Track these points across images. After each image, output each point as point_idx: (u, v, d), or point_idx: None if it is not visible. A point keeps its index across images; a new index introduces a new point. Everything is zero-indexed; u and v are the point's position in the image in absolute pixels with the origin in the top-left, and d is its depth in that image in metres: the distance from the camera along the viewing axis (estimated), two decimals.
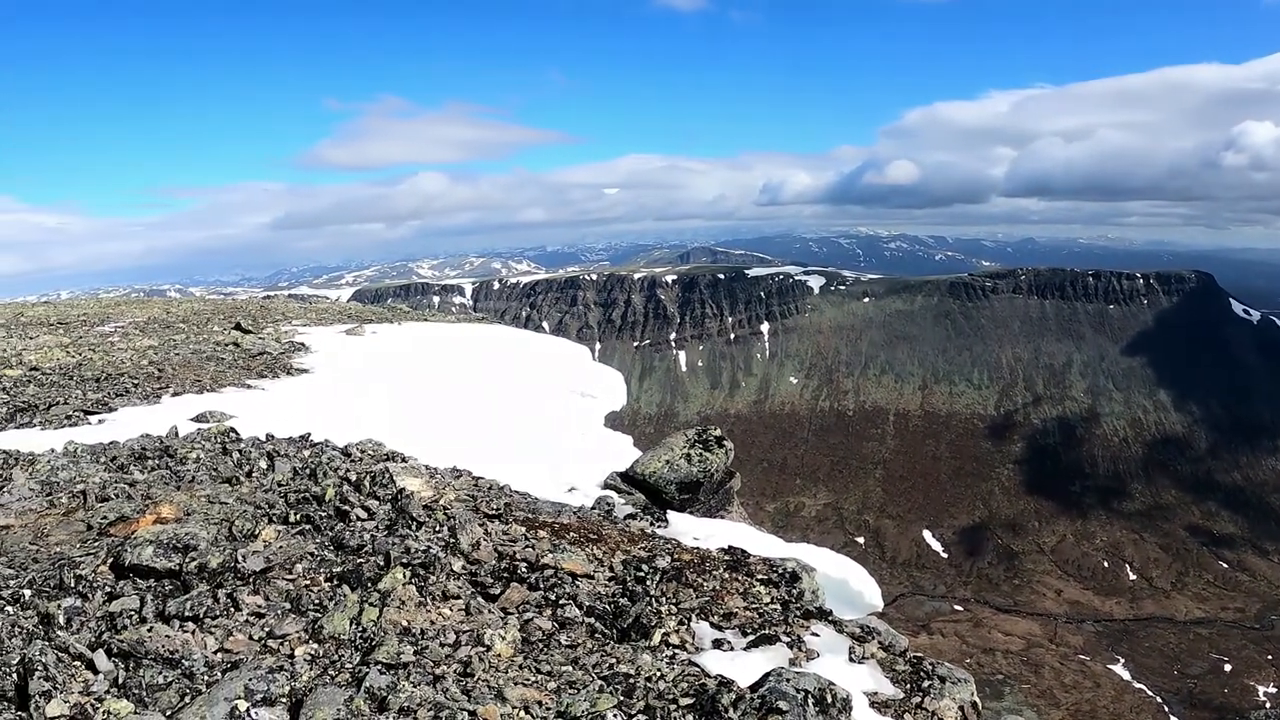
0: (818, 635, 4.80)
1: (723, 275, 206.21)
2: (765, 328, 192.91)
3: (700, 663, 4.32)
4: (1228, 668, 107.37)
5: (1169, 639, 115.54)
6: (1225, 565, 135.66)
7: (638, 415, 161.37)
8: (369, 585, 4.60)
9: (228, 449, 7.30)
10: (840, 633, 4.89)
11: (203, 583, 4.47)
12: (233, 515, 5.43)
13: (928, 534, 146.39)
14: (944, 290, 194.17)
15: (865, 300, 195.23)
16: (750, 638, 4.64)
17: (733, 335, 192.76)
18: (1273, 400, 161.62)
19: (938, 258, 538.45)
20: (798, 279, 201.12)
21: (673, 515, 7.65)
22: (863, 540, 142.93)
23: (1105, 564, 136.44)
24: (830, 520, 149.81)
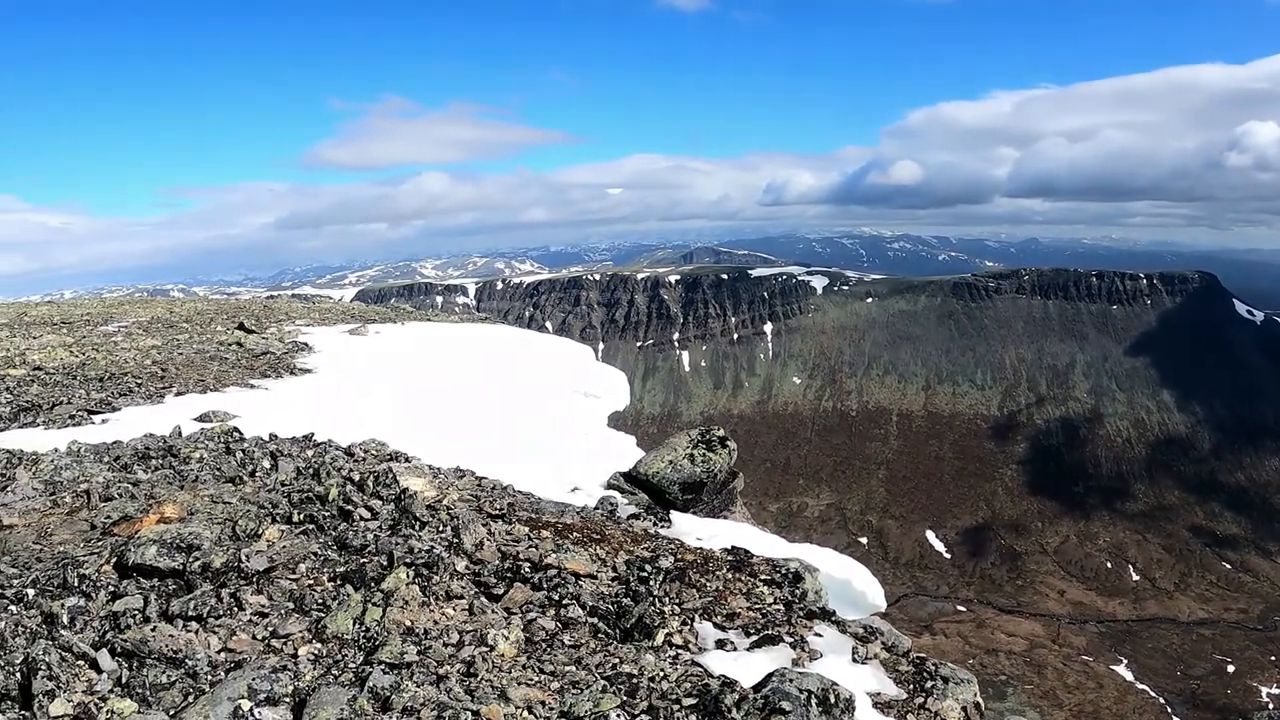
0: (821, 636, 4.80)
1: (726, 275, 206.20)
2: (768, 328, 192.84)
3: (703, 663, 4.32)
4: (1231, 669, 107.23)
5: (1172, 640, 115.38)
6: (1228, 566, 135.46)
7: (641, 415, 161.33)
8: (372, 585, 4.60)
9: (231, 449, 7.31)
10: (843, 633, 4.88)
11: (206, 582, 4.48)
12: (236, 515, 5.43)
13: (931, 534, 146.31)
14: (947, 291, 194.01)
15: (869, 300, 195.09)
16: (753, 638, 4.64)
17: (736, 335, 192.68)
18: (1276, 401, 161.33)
19: (941, 258, 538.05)
20: (801, 279, 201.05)
21: (676, 515, 7.65)
22: (866, 540, 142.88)
23: (1108, 565, 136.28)
24: (833, 520, 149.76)
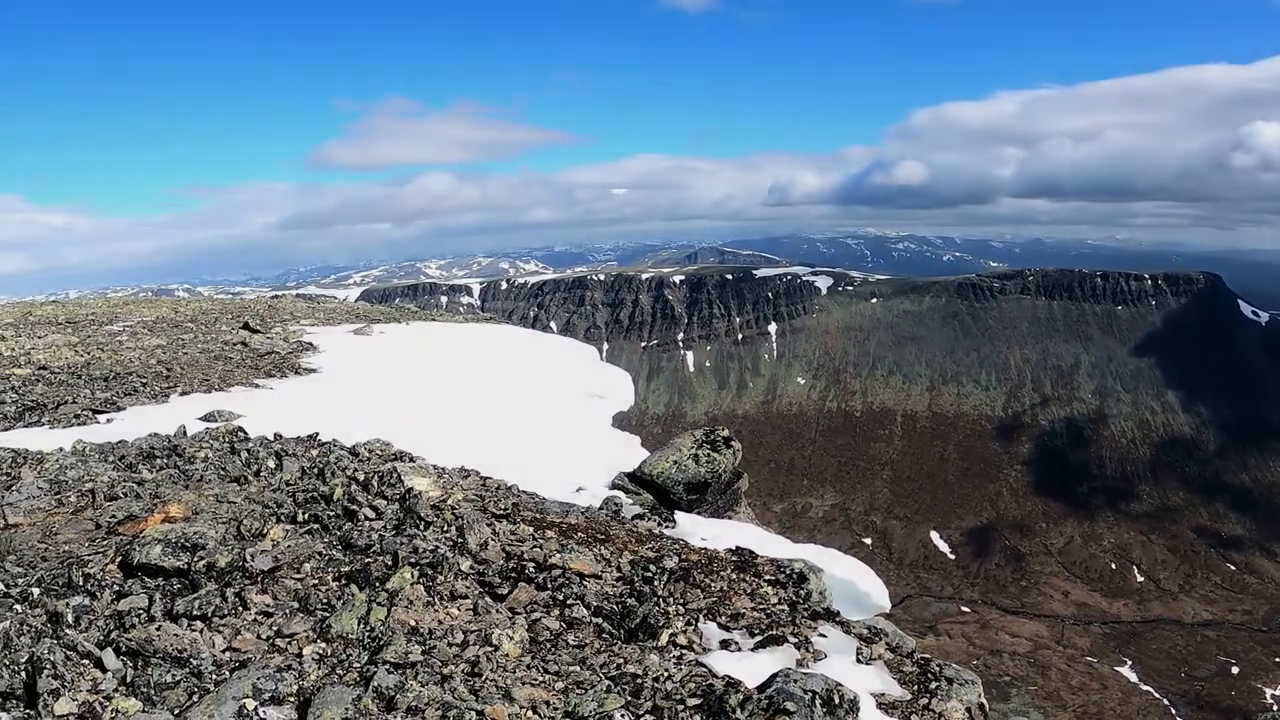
0: (825, 636, 4.79)
1: (730, 276, 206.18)
2: (773, 328, 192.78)
3: (708, 663, 4.32)
4: (1235, 670, 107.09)
5: (1176, 641, 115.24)
6: (1233, 567, 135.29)
7: (645, 415, 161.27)
8: (377, 585, 4.60)
9: (236, 448, 7.31)
10: (848, 634, 4.88)
11: (211, 582, 4.48)
12: (241, 514, 5.43)
13: (935, 535, 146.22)
14: (952, 291, 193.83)
15: (873, 301, 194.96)
16: (758, 638, 4.64)
17: (740, 336, 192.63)
18: None
19: (945, 258, 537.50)
20: (805, 279, 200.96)
21: (680, 516, 7.64)
22: (870, 541, 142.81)
23: (1113, 566, 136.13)
24: (837, 521, 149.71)
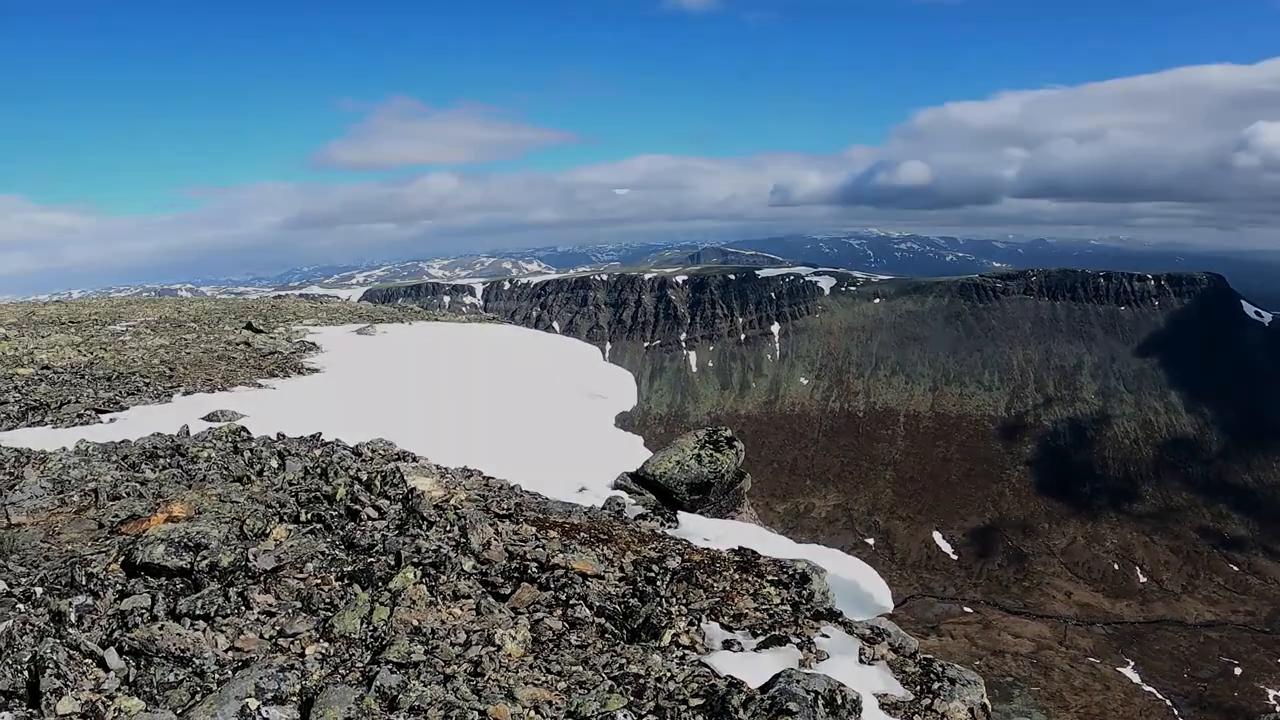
0: (828, 636, 4.79)
1: (733, 276, 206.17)
2: (776, 328, 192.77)
3: (710, 663, 4.31)
4: (1238, 671, 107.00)
5: (1179, 642, 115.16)
6: (1236, 568, 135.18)
7: (648, 416, 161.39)
8: (380, 584, 4.60)
9: (239, 448, 7.31)
10: (850, 634, 4.87)
11: (214, 581, 4.48)
12: (244, 514, 5.44)
13: (938, 535, 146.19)
14: (955, 291, 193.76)
15: (876, 301, 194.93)
16: (760, 639, 4.63)
17: (743, 336, 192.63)
18: None
19: (949, 259, 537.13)
20: (808, 280, 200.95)
21: (683, 516, 7.63)
22: (873, 541, 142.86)
23: (1115, 566, 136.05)
24: (840, 521, 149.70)
